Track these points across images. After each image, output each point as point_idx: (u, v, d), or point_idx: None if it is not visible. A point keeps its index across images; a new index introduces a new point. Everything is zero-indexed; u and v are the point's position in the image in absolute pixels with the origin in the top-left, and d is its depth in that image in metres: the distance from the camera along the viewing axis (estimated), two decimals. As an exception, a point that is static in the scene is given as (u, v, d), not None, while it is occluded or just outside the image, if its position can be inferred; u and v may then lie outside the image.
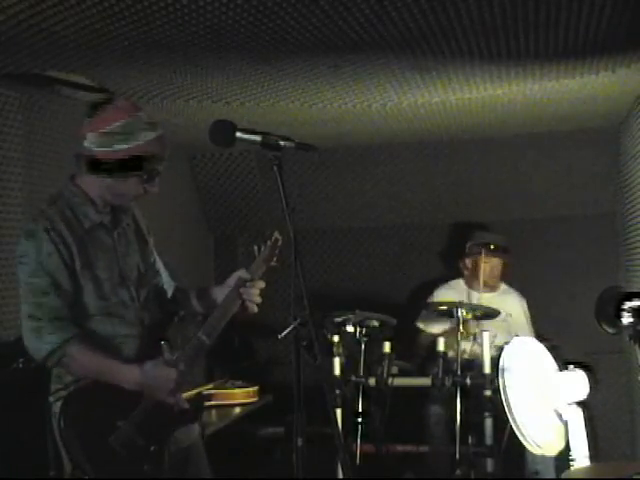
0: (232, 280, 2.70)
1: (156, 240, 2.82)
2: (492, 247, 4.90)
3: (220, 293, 2.73)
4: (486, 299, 4.79)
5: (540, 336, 4.61)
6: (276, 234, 2.69)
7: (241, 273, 2.69)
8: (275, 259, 2.71)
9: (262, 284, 2.68)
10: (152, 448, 2.48)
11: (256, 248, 2.70)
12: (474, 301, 4.78)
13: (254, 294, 2.66)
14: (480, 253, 4.88)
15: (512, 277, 5.02)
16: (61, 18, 2.52)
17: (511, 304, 4.89)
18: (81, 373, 2.50)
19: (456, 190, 5.46)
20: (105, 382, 2.47)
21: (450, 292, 4.94)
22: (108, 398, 2.46)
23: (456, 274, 5.12)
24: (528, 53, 3.14)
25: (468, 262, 4.99)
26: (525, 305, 4.94)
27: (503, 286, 5.01)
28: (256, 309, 2.67)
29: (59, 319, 2.45)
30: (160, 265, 2.81)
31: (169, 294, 2.82)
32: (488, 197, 5.43)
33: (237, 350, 5.34)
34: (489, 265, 4.89)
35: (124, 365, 2.49)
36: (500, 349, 3.50)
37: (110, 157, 2.47)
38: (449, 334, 4.36)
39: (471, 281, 4.97)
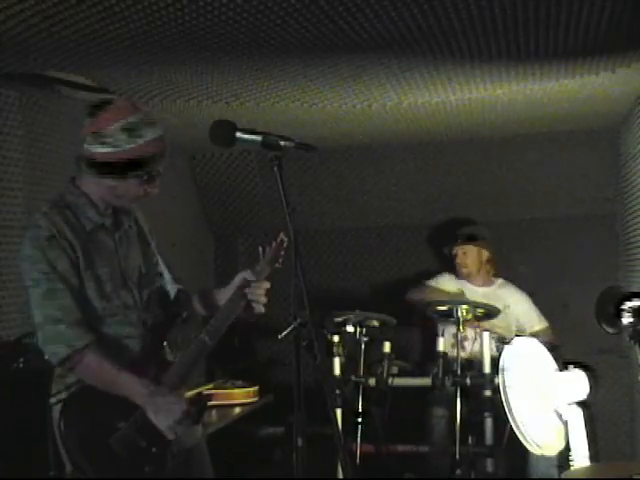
0: (237, 281, 2.69)
1: (156, 241, 2.82)
2: (464, 236, 4.99)
3: (223, 295, 2.72)
4: (483, 293, 4.82)
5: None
6: (282, 235, 2.68)
7: (246, 274, 2.68)
8: (280, 261, 2.70)
9: (267, 284, 2.67)
10: (154, 449, 2.48)
11: (261, 249, 2.69)
12: (471, 294, 4.81)
13: (260, 294, 2.65)
14: (455, 242, 5.00)
15: (507, 274, 5.03)
16: (61, 18, 2.52)
17: (508, 296, 4.90)
18: (92, 381, 2.49)
19: (456, 190, 5.46)
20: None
21: (452, 281, 4.99)
22: (109, 399, 2.46)
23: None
24: (528, 53, 3.14)
25: (447, 253, 5.07)
26: (525, 297, 4.94)
27: (500, 281, 5.02)
28: (263, 309, 2.67)
29: (78, 323, 2.45)
30: (163, 267, 2.80)
31: (172, 296, 2.81)
32: (488, 197, 5.43)
33: (237, 350, 5.34)
34: (460, 251, 4.96)
35: (137, 381, 2.47)
36: (499, 344, 3.50)
37: (111, 158, 2.46)
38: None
39: (456, 272, 5.01)
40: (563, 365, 3.12)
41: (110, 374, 2.46)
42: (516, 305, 4.89)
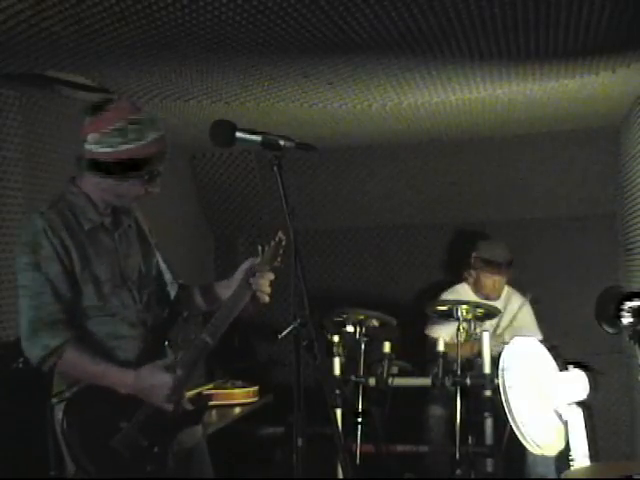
0: (240, 272, 2.68)
1: (156, 240, 2.81)
2: (497, 263, 4.86)
3: (225, 288, 2.72)
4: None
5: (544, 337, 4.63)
6: (280, 234, 2.68)
7: (250, 262, 2.68)
8: (279, 259, 2.70)
9: (272, 275, 2.68)
10: (155, 449, 2.48)
11: (260, 248, 2.70)
12: None
13: (264, 284, 2.65)
14: (484, 269, 4.87)
15: (513, 277, 5.02)
16: (61, 18, 2.52)
17: (515, 307, 4.89)
18: (76, 377, 2.49)
19: (456, 190, 5.46)
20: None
21: (455, 296, 4.92)
22: (111, 399, 2.45)
23: (457, 276, 5.11)
24: (528, 53, 3.14)
25: (473, 274, 4.96)
26: (528, 306, 4.93)
27: (506, 289, 5.00)
28: (267, 299, 2.67)
29: (55, 323, 2.44)
30: (163, 266, 2.80)
31: (172, 295, 2.81)
32: (488, 197, 5.43)
33: (237, 350, 5.34)
34: (492, 280, 4.88)
35: (119, 370, 2.48)
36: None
37: (111, 158, 2.46)
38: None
39: (475, 289, 4.96)
40: (563, 365, 3.11)
41: (91, 367, 2.46)
42: (522, 315, 4.88)
